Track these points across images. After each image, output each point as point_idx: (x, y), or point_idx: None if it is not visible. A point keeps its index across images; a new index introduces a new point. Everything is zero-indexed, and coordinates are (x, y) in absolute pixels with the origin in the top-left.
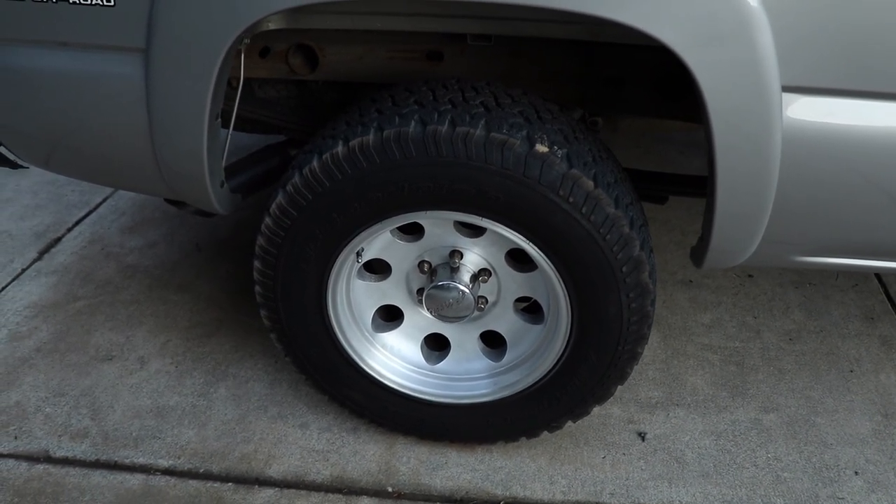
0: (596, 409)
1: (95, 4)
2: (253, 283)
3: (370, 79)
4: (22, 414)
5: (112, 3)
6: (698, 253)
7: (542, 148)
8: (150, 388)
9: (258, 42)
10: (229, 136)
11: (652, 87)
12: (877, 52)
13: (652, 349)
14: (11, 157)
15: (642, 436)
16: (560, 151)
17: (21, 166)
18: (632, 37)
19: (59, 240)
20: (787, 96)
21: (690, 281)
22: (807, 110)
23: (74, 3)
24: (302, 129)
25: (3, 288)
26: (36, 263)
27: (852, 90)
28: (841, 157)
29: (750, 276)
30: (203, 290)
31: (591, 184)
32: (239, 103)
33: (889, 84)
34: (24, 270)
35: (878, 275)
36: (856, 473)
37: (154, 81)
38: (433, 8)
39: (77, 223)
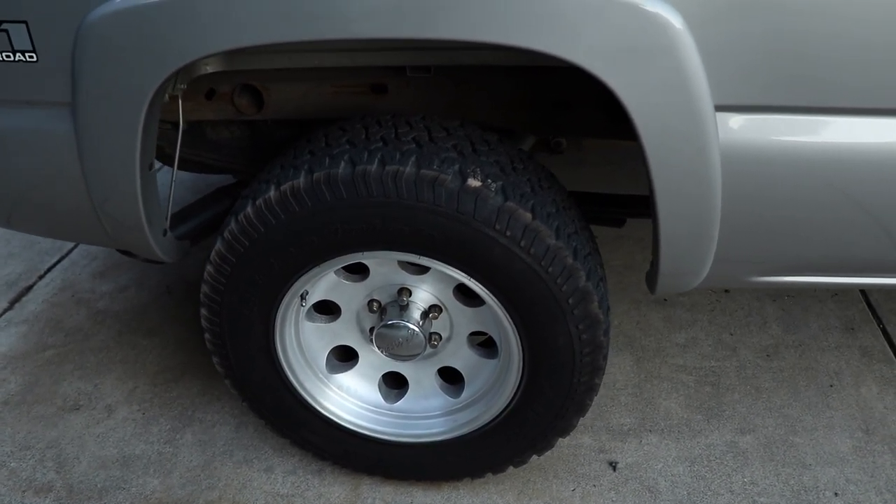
0: (566, 440)
1: (19, 61)
2: (202, 331)
3: (317, 115)
4: None
5: (35, 59)
6: (650, 278)
7: (474, 182)
8: (117, 436)
9: (203, 84)
10: (173, 182)
11: (597, 108)
12: (805, 67)
13: (625, 373)
14: None
15: (613, 465)
16: (494, 185)
17: None
18: (561, 61)
19: (30, 288)
20: (720, 115)
21: (665, 300)
22: (743, 128)
23: (5, 61)
24: (254, 169)
25: None
26: (7, 313)
27: (786, 106)
28: (784, 173)
29: (726, 291)
30: (172, 334)
31: (528, 216)
32: (190, 147)
33: (818, 98)
34: None
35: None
36: (836, 495)
37: (82, 135)
38: (360, 43)
39: (49, 270)
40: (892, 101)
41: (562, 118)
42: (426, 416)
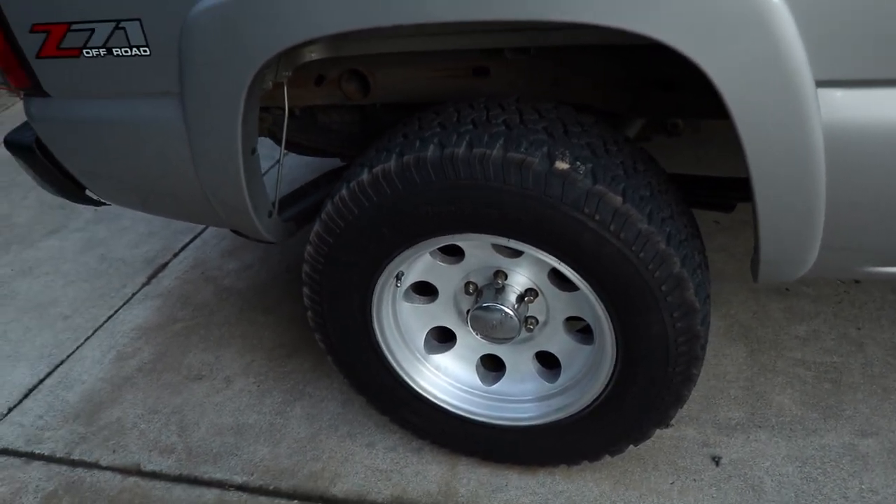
0: (668, 432)
1: (135, 55)
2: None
3: (422, 99)
4: (121, 430)
5: (148, 53)
6: (753, 265)
7: (562, 165)
8: (233, 406)
9: (312, 71)
10: (280, 165)
11: (702, 88)
12: None
13: (737, 365)
14: (95, 197)
15: (717, 460)
16: (583, 167)
17: (104, 203)
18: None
19: (165, 265)
20: (822, 91)
21: (787, 289)
22: (848, 105)
23: (118, 55)
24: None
25: (116, 312)
26: (144, 288)
27: (882, 79)
28: (874, 154)
29: (857, 281)
30: (288, 311)
31: (618, 199)
32: (303, 131)
33: None
34: (133, 295)
35: None
36: None
37: (190, 122)
38: (457, 27)
39: (182, 248)
40: None
41: (666, 99)
42: (521, 399)
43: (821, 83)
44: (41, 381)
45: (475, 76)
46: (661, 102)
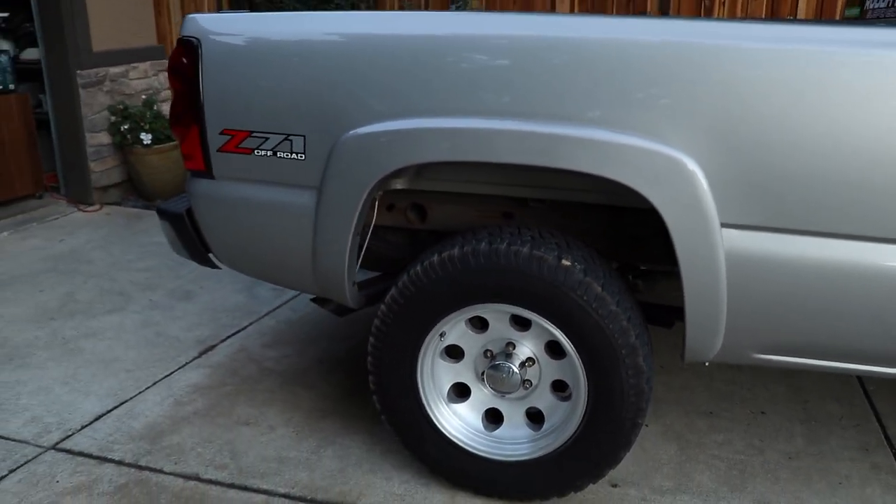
0: (617, 490)
1: (293, 158)
2: (363, 378)
3: (461, 229)
4: (180, 450)
5: (304, 158)
6: (683, 351)
7: (566, 262)
8: (276, 445)
9: (386, 199)
10: (363, 252)
11: (658, 240)
12: (787, 199)
13: (670, 455)
14: (215, 261)
15: None
16: (579, 266)
17: (217, 267)
18: (630, 198)
19: (214, 347)
20: (724, 230)
21: (711, 412)
22: (740, 241)
23: (280, 157)
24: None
25: (172, 373)
26: (196, 360)
27: (774, 227)
28: (772, 278)
29: (763, 412)
30: (323, 388)
31: (599, 288)
32: (373, 240)
33: (801, 223)
34: (187, 363)
35: (878, 416)
36: None
37: (320, 209)
38: (499, 178)
39: (229, 337)
40: (849, 229)
41: (636, 249)
42: (514, 441)
43: (723, 224)
44: (109, 411)
45: (503, 217)
46: (632, 251)
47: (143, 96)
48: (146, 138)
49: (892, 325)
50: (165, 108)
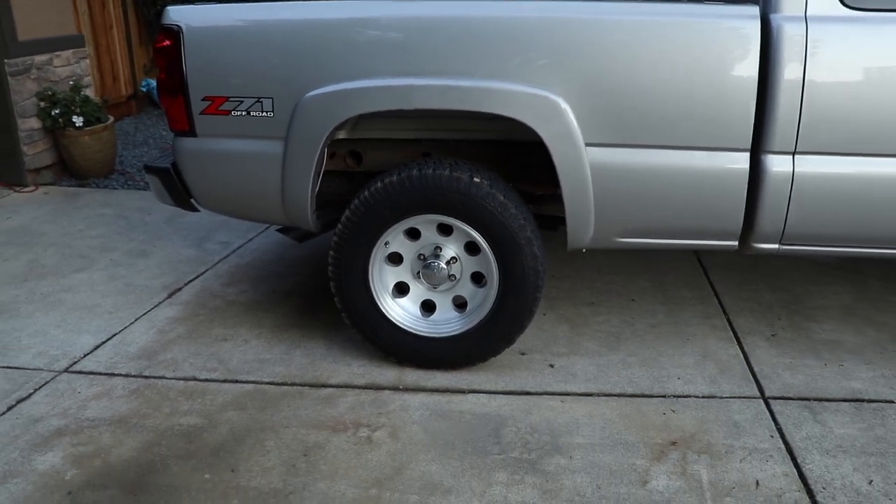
0: (525, 357)
1: (264, 116)
2: (317, 294)
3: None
4: (175, 362)
5: (273, 115)
6: (567, 242)
7: (476, 179)
8: (253, 351)
9: (330, 149)
10: (315, 188)
11: (541, 166)
12: (628, 123)
13: (563, 332)
14: (196, 205)
15: (552, 365)
16: (486, 182)
17: (197, 210)
18: (521, 133)
19: (180, 289)
20: (588, 148)
21: (593, 303)
22: (599, 156)
23: (255, 116)
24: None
25: (149, 311)
26: (167, 300)
27: (617, 143)
28: (622, 180)
29: (633, 300)
30: (280, 311)
31: (501, 197)
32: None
33: (639, 139)
34: (160, 303)
35: (717, 295)
36: (678, 379)
37: (287, 155)
38: (419, 125)
39: (190, 281)
40: (672, 142)
41: (525, 173)
42: (445, 322)
43: (587, 144)
44: (104, 342)
45: (423, 156)
46: (522, 174)
47: (70, 82)
48: (78, 121)
49: (708, 207)
50: (90, 94)
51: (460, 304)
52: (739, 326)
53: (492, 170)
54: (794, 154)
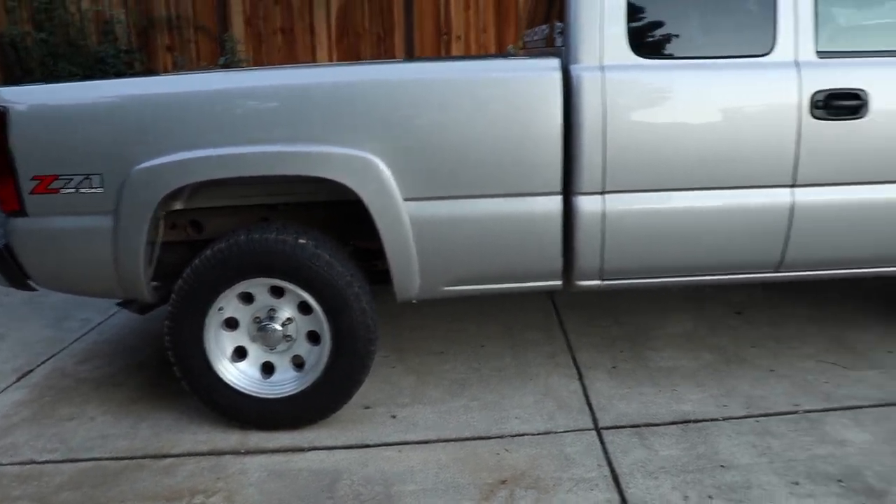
0: (368, 411)
1: (94, 192)
2: (164, 373)
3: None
4: (14, 447)
5: (102, 191)
6: (394, 294)
7: (302, 241)
8: (98, 428)
9: (170, 219)
10: (153, 262)
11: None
12: (438, 177)
13: (409, 383)
14: (34, 285)
15: (394, 416)
16: (312, 243)
17: (35, 289)
18: (345, 193)
19: (31, 371)
20: (406, 202)
21: (442, 352)
22: (416, 209)
23: (85, 192)
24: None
25: None
26: (15, 384)
27: (435, 196)
28: (440, 231)
29: (483, 346)
30: (132, 384)
31: (327, 257)
32: (164, 253)
33: (454, 190)
34: (7, 387)
35: (566, 333)
36: (517, 419)
37: (119, 226)
38: (254, 191)
39: (44, 362)
40: (481, 192)
41: (359, 230)
42: (285, 383)
43: (405, 199)
44: None
45: (262, 221)
46: (355, 233)
47: None
48: None
49: (528, 251)
50: None
51: (300, 363)
52: (583, 362)
53: (324, 230)
54: (603, 193)
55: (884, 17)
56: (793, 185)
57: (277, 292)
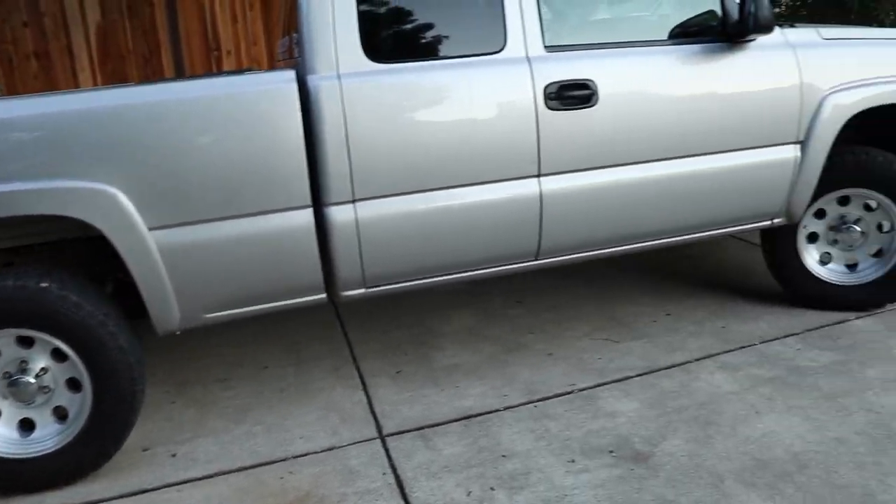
0: (148, 452)
1: None
2: None
3: None
4: None
5: None
6: (153, 327)
7: (44, 284)
8: None
9: None
10: None
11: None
12: (181, 204)
13: (190, 416)
14: None
15: (174, 455)
16: (55, 285)
17: None
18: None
19: None
20: (152, 232)
21: (225, 379)
22: (163, 237)
23: None
24: None
25: None
26: None
27: (182, 222)
28: (185, 257)
29: (266, 367)
30: None
31: (75, 298)
32: None
33: (200, 214)
34: None
35: (350, 345)
36: (301, 438)
37: None
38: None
39: None
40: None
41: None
42: (46, 438)
43: (150, 228)
44: None
45: (6, 266)
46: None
47: None
48: None
49: (285, 267)
50: None
51: (63, 414)
52: (367, 370)
53: (81, 268)
54: (353, 202)
55: (606, 13)
56: (538, 175)
57: (27, 342)
